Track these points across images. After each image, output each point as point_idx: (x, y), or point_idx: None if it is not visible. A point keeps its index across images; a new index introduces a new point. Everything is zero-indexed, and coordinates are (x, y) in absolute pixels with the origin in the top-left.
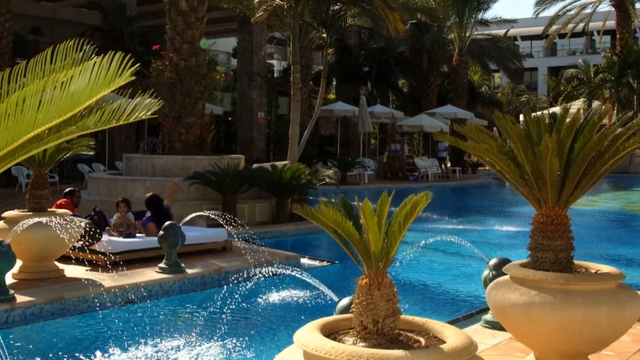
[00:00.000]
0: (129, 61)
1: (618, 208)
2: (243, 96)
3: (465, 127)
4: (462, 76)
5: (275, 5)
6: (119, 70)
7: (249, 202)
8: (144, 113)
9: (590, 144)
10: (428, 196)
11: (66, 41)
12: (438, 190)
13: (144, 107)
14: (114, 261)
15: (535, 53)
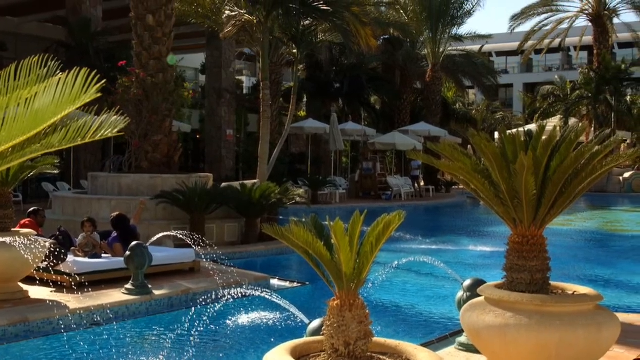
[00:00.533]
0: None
1: (595, 228)
2: (211, 113)
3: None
4: (436, 93)
5: (244, 20)
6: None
7: (218, 221)
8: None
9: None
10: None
11: (30, 57)
12: (411, 210)
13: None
14: (79, 282)
15: (511, 69)
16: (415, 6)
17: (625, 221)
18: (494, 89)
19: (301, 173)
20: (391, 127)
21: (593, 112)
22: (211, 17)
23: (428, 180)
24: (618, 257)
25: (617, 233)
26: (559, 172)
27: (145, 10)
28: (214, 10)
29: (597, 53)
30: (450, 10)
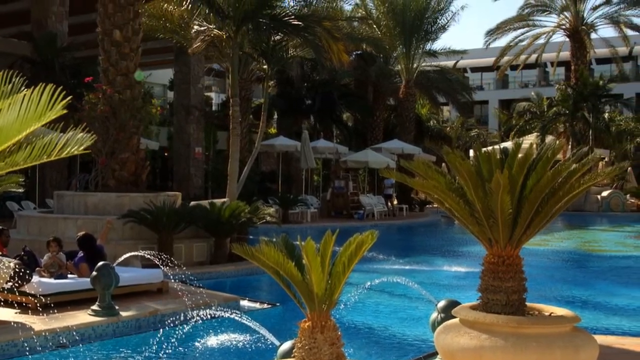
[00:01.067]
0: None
1: (573, 248)
2: (180, 130)
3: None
4: (410, 109)
5: (213, 35)
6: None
7: (186, 241)
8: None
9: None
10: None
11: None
12: (384, 229)
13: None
14: (44, 303)
15: (486, 85)
16: (389, 21)
17: (603, 241)
18: (468, 106)
19: (272, 192)
20: (364, 144)
21: (570, 129)
22: (179, 32)
23: (401, 199)
24: (596, 278)
25: (595, 253)
26: (536, 190)
27: (112, 25)
28: (183, 25)
29: (575, 69)
30: (424, 25)
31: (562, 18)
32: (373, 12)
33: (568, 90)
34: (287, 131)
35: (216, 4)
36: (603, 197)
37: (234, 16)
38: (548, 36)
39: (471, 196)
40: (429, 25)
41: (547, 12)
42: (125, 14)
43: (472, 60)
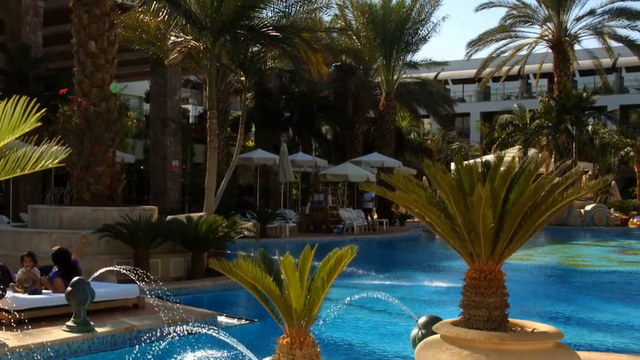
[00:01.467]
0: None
1: (556, 262)
2: (156, 143)
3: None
4: (390, 122)
5: (190, 46)
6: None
7: (163, 256)
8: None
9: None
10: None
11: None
12: (364, 244)
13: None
14: (18, 319)
15: (468, 97)
16: (368, 32)
17: (586, 256)
18: (450, 118)
19: (249, 205)
20: (343, 157)
21: (553, 142)
22: (156, 43)
23: (381, 213)
24: (579, 293)
25: (578, 268)
26: (518, 204)
27: (87, 36)
28: (159, 36)
29: (558, 81)
30: (404, 36)
31: (545, 29)
32: (353, 23)
33: (551, 102)
34: (265, 144)
35: (193, 14)
36: (587, 211)
37: (211, 27)
38: (531, 47)
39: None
40: (410, 37)
41: (529, 23)
42: (101, 25)
43: (453, 71)
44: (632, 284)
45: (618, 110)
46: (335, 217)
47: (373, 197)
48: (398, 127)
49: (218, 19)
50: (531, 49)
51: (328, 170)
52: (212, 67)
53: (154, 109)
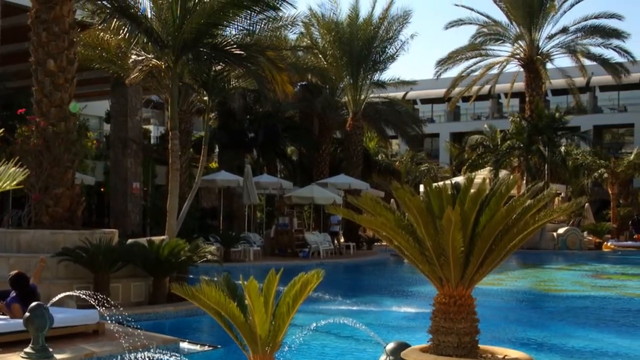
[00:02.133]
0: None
1: (528, 287)
2: (117, 165)
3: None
4: (357, 143)
5: (151, 65)
6: None
7: (124, 280)
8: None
9: (497, 218)
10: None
11: None
12: (330, 268)
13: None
14: None
15: (437, 117)
16: (335, 50)
17: (559, 280)
18: (418, 139)
19: (213, 229)
20: (309, 179)
21: (525, 163)
22: (116, 61)
23: (348, 237)
24: (552, 319)
25: (551, 293)
26: (489, 227)
27: (46, 54)
28: (120, 54)
29: (530, 100)
30: (372, 54)
31: (517, 47)
32: (319, 41)
33: (522, 122)
34: (229, 166)
35: (155, 32)
36: (559, 234)
37: (173, 45)
38: (502, 66)
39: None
40: (377, 55)
41: (500, 41)
42: (60, 43)
43: (422, 91)
44: (606, 309)
45: (591, 130)
46: (300, 240)
47: (340, 220)
48: (365, 148)
49: (180, 37)
50: (502, 67)
51: (293, 192)
52: (174, 87)
53: (114, 129)
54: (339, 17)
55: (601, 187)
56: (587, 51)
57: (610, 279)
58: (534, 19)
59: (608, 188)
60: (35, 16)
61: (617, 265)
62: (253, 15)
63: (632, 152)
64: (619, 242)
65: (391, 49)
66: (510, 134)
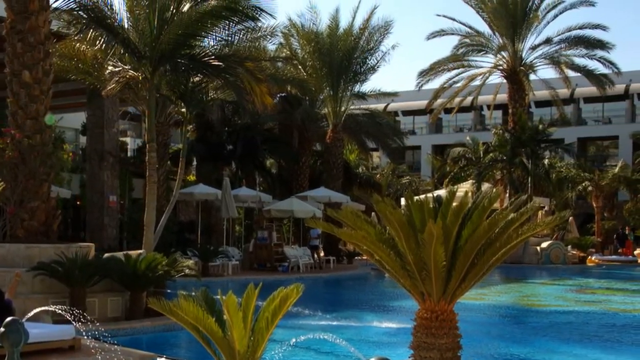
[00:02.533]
0: None
1: (510, 302)
2: (93, 178)
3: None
4: (337, 155)
5: (128, 76)
6: None
7: (100, 295)
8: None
9: (479, 231)
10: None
11: None
12: (310, 283)
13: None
14: None
15: (419, 129)
16: (315, 61)
17: (542, 295)
18: (400, 151)
19: (191, 243)
20: (288, 192)
21: (508, 176)
22: (93, 73)
23: (328, 251)
24: (535, 334)
25: (534, 308)
26: (471, 241)
27: (21, 65)
28: (96, 65)
29: (512, 112)
30: (352, 65)
31: (500, 58)
32: (298, 52)
33: (505, 134)
34: (207, 178)
35: (132, 43)
36: (543, 248)
37: (150, 56)
38: (484, 77)
39: (402, 247)
40: (358, 66)
41: (483, 52)
42: (35, 54)
43: (403, 103)
44: (590, 324)
45: (576, 143)
46: (280, 254)
47: (320, 233)
48: (346, 160)
49: (157, 48)
50: (485, 79)
51: (272, 205)
52: (152, 98)
53: (90, 141)
54: (318, 28)
55: (585, 200)
56: (571, 62)
57: (595, 293)
58: (517, 30)
59: (592, 201)
60: (11, 27)
61: (602, 280)
62: (231, 26)
63: (616, 164)
64: (604, 256)
65: (372, 60)
66: (493, 146)
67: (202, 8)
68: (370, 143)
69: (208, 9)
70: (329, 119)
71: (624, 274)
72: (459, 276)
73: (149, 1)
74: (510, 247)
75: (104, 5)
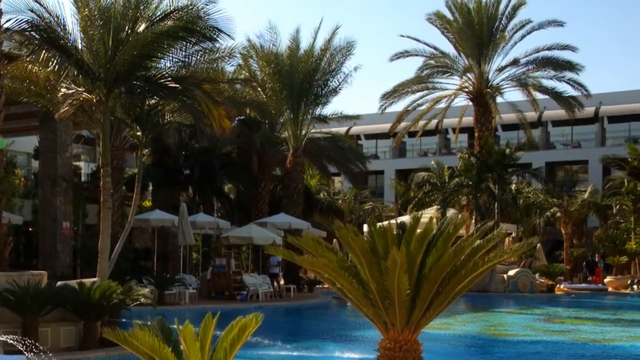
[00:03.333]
0: None
1: (477, 332)
2: (46, 203)
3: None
4: (298, 180)
5: (82, 99)
6: None
7: (53, 324)
8: None
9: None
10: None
11: None
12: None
13: None
14: None
15: (382, 154)
16: (275, 83)
17: (509, 324)
18: (362, 176)
19: (146, 270)
20: (247, 218)
21: (474, 202)
22: (45, 95)
23: (289, 279)
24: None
25: (501, 338)
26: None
27: None
28: (49, 87)
29: (479, 136)
30: (313, 87)
31: (465, 80)
32: (258, 74)
33: (471, 159)
34: (164, 204)
35: (85, 64)
36: (510, 276)
37: (105, 78)
38: (450, 100)
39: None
40: (319, 88)
41: (448, 73)
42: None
43: (366, 126)
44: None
45: (544, 167)
46: (238, 282)
47: (279, 261)
48: (306, 185)
49: (112, 69)
50: (450, 101)
51: (231, 232)
52: (106, 121)
53: (43, 166)
54: (278, 49)
55: (554, 226)
56: (539, 84)
57: (563, 323)
58: (484, 51)
59: (561, 228)
60: None
61: (571, 309)
62: (189, 47)
63: (586, 190)
64: (573, 284)
65: (334, 82)
66: (458, 171)
67: (159, 28)
68: (332, 168)
69: (164, 30)
70: (289, 142)
71: (594, 302)
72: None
73: (103, 21)
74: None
75: (57, 25)
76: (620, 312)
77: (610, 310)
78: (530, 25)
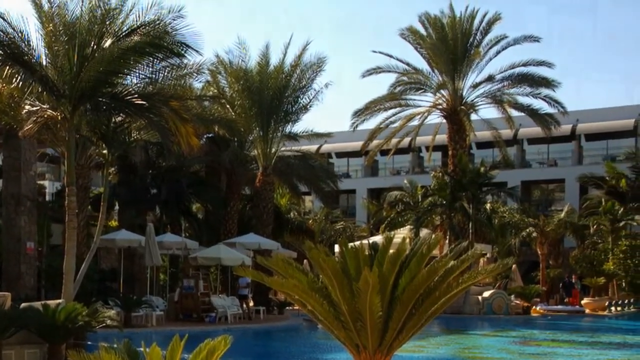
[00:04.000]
0: None
1: (451, 354)
2: (9, 223)
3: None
4: (267, 200)
5: (47, 116)
6: None
7: (17, 347)
8: None
9: (417, 280)
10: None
11: None
12: (239, 334)
13: None
14: None
15: (353, 172)
16: (244, 100)
17: (484, 347)
18: (333, 195)
19: (112, 292)
20: (216, 239)
21: (448, 221)
22: (9, 112)
23: (258, 300)
24: None
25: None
26: (409, 290)
27: None
28: (12, 104)
29: (453, 154)
30: (283, 105)
31: (439, 97)
32: (226, 91)
33: (445, 178)
34: (130, 224)
35: (50, 81)
36: (485, 298)
37: (70, 95)
38: (423, 117)
39: (336, 297)
40: (289, 105)
41: (421, 90)
42: None
43: (337, 144)
44: None
45: (519, 186)
46: (207, 304)
47: (249, 282)
48: (276, 205)
49: (77, 86)
50: (423, 118)
51: (199, 252)
52: (71, 139)
53: (6, 185)
54: (248, 65)
55: (530, 247)
56: (514, 101)
57: (540, 345)
58: (458, 67)
59: (537, 248)
60: None
61: (547, 331)
62: (156, 63)
63: (562, 209)
64: (549, 306)
65: (304, 99)
66: (432, 190)
67: (125, 44)
68: (303, 187)
69: (131, 45)
70: (258, 161)
71: (571, 324)
72: (396, 327)
73: (69, 37)
74: (450, 297)
75: (21, 41)
76: (597, 335)
77: (587, 333)
78: (506, 40)
